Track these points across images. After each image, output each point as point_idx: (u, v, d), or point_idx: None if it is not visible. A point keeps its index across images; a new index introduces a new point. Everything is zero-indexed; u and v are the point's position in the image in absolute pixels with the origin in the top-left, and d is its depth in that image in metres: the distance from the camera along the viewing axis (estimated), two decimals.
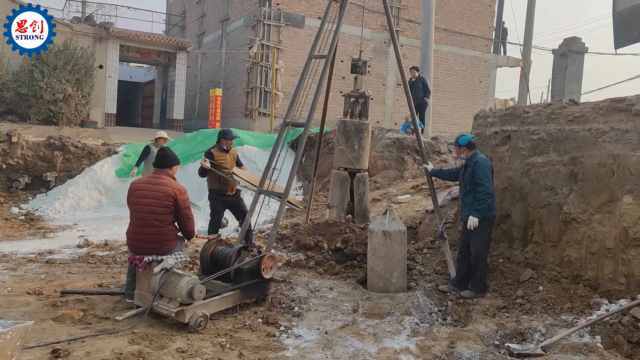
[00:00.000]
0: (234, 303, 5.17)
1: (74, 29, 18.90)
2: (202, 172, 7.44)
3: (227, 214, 8.32)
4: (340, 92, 7.68)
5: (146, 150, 9.67)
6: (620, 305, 4.72)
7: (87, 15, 23.07)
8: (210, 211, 7.85)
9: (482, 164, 5.61)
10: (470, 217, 5.49)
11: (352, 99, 7.10)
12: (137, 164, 9.98)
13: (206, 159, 7.34)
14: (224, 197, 7.56)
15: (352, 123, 6.93)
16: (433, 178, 7.04)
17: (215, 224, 7.71)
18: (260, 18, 19.53)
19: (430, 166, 6.80)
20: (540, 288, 5.40)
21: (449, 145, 5.91)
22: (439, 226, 6.69)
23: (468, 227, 5.52)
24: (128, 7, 24.46)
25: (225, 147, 7.60)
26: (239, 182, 7.35)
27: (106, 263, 7.05)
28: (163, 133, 9.90)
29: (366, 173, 7.11)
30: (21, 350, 3.21)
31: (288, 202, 6.97)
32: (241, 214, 7.63)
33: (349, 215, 7.13)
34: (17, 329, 2.98)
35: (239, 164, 7.81)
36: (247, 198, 8.11)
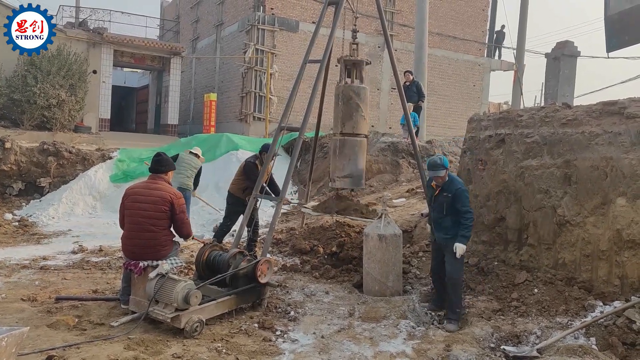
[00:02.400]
0: (229, 308, 5.16)
1: (68, 34, 18.86)
2: (253, 175, 7.09)
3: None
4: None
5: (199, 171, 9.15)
6: (615, 307, 4.74)
7: (80, 20, 23.04)
8: (224, 215, 7.80)
9: (464, 188, 5.39)
10: (459, 244, 5.16)
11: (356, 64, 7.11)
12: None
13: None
14: (242, 207, 7.23)
15: (367, 90, 7.02)
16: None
17: (227, 228, 7.65)
18: (255, 23, 19.56)
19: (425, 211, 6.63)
20: (535, 290, 5.43)
21: (429, 172, 5.57)
22: None
23: (457, 256, 5.17)
24: (122, 12, 24.51)
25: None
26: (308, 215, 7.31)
27: (101, 269, 7.03)
28: (198, 150, 9.44)
29: None
30: (16, 357, 3.19)
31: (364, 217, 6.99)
32: (251, 221, 7.53)
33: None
34: (12, 335, 2.96)
35: (271, 179, 7.55)
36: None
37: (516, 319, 5.10)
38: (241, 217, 7.46)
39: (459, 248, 5.16)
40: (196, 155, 9.19)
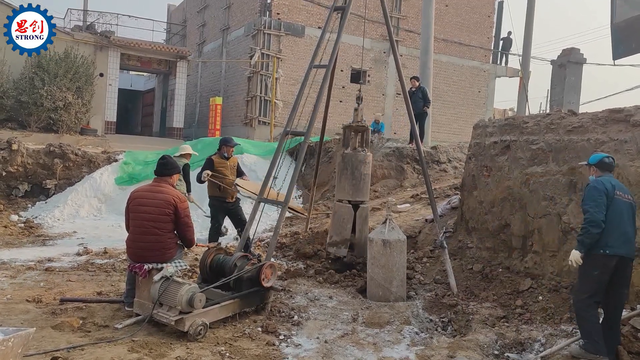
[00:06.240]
0: (233, 312, 5.16)
1: (75, 37, 18.99)
2: (201, 179, 7.49)
3: (226, 222, 8.32)
4: (340, 101, 7.75)
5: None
6: None
7: (88, 23, 23.18)
8: (210, 218, 7.89)
9: (590, 185, 4.44)
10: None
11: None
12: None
13: (209, 172, 7.34)
14: (224, 204, 7.62)
15: (370, 156, 7.32)
16: (433, 187, 7.06)
17: (216, 230, 7.77)
18: (261, 27, 19.64)
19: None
20: (540, 298, 5.41)
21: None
22: (438, 235, 6.70)
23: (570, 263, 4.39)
24: (129, 16, 24.59)
25: (226, 154, 7.68)
26: (239, 192, 7.37)
27: (105, 271, 7.04)
28: (188, 148, 8.67)
29: None
30: (22, 358, 3.20)
31: (290, 209, 7.01)
32: (239, 222, 7.68)
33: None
34: (18, 336, 2.98)
35: (240, 172, 7.85)
36: (247, 206, 8.13)
37: (520, 326, 5.08)
38: (240, 220, 7.56)
39: (571, 254, 4.39)
40: (181, 156, 8.37)
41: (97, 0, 76.29)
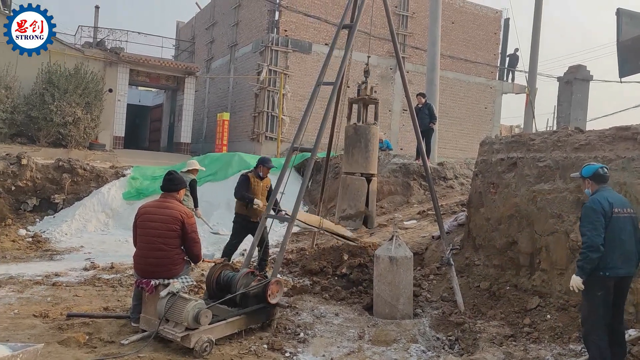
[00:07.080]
0: (239, 328, 5.15)
1: (85, 54, 19.27)
2: (247, 198, 7.40)
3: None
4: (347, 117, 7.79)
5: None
6: (630, 335, 4.66)
7: (98, 40, 23.51)
8: (230, 233, 7.85)
9: (587, 206, 4.36)
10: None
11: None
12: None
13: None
14: (249, 224, 7.50)
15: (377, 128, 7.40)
16: (439, 204, 7.05)
17: (232, 247, 7.70)
18: (268, 44, 19.84)
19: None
20: (548, 316, 5.36)
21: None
22: (445, 252, 6.67)
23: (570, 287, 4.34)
24: (139, 33, 24.90)
25: (261, 174, 7.64)
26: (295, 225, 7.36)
27: (112, 286, 7.05)
28: (195, 163, 8.78)
29: None
30: None
31: (344, 238, 7.03)
32: (261, 241, 7.60)
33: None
34: (27, 352, 2.99)
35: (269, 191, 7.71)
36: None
37: (528, 345, 5.03)
38: (250, 236, 7.54)
39: (571, 279, 4.34)
40: (189, 172, 8.46)
41: (107, 18, 77.58)
